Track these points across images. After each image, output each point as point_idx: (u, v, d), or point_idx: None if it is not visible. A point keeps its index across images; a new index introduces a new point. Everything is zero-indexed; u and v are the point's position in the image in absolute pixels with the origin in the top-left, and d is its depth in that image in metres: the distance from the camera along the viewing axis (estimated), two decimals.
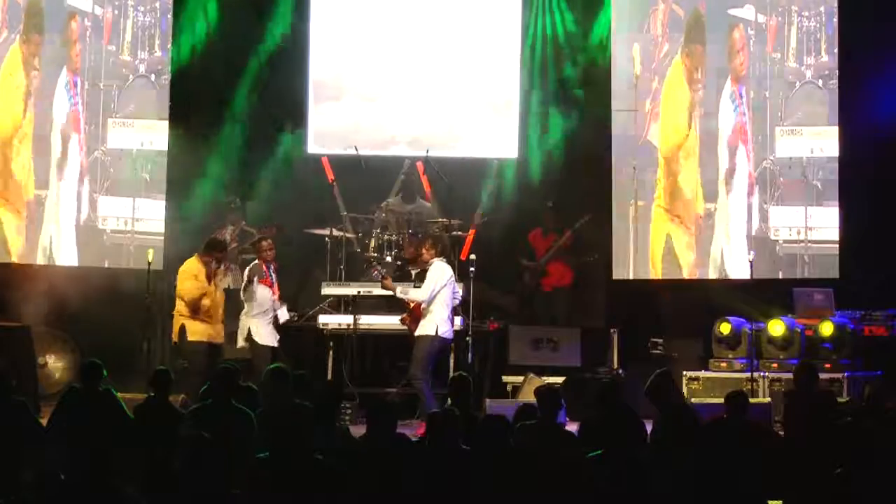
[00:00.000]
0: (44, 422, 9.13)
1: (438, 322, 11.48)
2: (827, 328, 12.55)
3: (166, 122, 14.10)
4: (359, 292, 12.60)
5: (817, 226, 13.70)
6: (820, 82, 13.77)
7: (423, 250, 11.90)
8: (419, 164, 13.77)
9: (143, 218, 14.10)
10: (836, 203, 13.62)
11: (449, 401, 9.36)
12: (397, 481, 6.88)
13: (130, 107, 14.22)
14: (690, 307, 13.41)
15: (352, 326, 12.45)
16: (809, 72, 13.82)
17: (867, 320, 12.77)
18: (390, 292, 11.98)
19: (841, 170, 13.59)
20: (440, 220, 13.38)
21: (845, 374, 12.18)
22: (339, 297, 12.77)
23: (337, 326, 12.61)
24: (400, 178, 13.79)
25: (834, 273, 13.52)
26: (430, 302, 11.52)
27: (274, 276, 12.05)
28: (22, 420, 8.67)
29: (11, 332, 12.35)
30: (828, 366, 12.16)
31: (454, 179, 13.50)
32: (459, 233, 13.23)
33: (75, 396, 9.14)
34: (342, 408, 11.19)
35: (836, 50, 13.69)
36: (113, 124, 14.20)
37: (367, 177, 13.71)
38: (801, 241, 13.76)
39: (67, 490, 6.51)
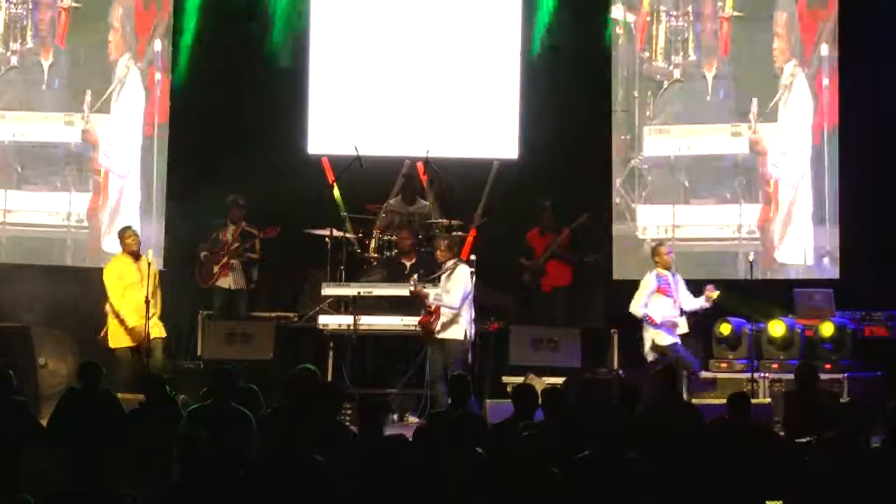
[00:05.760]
0: (44, 422, 9.14)
1: (467, 326, 11.47)
2: (827, 328, 12.55)
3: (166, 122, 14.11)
4: (359, 292, 12.57)
5: None
6: (815, 79, 13.76)
7: (439, 251, 11.89)
8: (419, 164, 13.76)
9: None
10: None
11: (449, 402, 9.36)
12: (391, 481, 6.87)
13: None
14: None
15: (352, 327, 12.44)
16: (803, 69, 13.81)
17: (867, 320, 12.77)
18: (422, 298, 11.85)
19: (841, 170, 13.59)
20: (440, 220, 13.36)
21: (845, 375, 12.18)
22: (339, 298, 12.75)
23: (337, 327, 12.58)
24: (400, 179, 13.78)
25: (834, 273, 13.52)
26: (460, 306, 11.51)
27: (674, 285, 12.00)
28: (22, 420, 8.68)
29: (11, 332, 12.35)
30: (828, 366, 12.16)
31: (454, 179, 13.49)
32: (460, 233, 13.22)
33: (75, 396, 9.15)
34: (343, 408, 11.18)
35: (836, 47, 13.68)
36: None
37: (367, 177, 13.69)
38: None
39: (67, 490, 6.51)
